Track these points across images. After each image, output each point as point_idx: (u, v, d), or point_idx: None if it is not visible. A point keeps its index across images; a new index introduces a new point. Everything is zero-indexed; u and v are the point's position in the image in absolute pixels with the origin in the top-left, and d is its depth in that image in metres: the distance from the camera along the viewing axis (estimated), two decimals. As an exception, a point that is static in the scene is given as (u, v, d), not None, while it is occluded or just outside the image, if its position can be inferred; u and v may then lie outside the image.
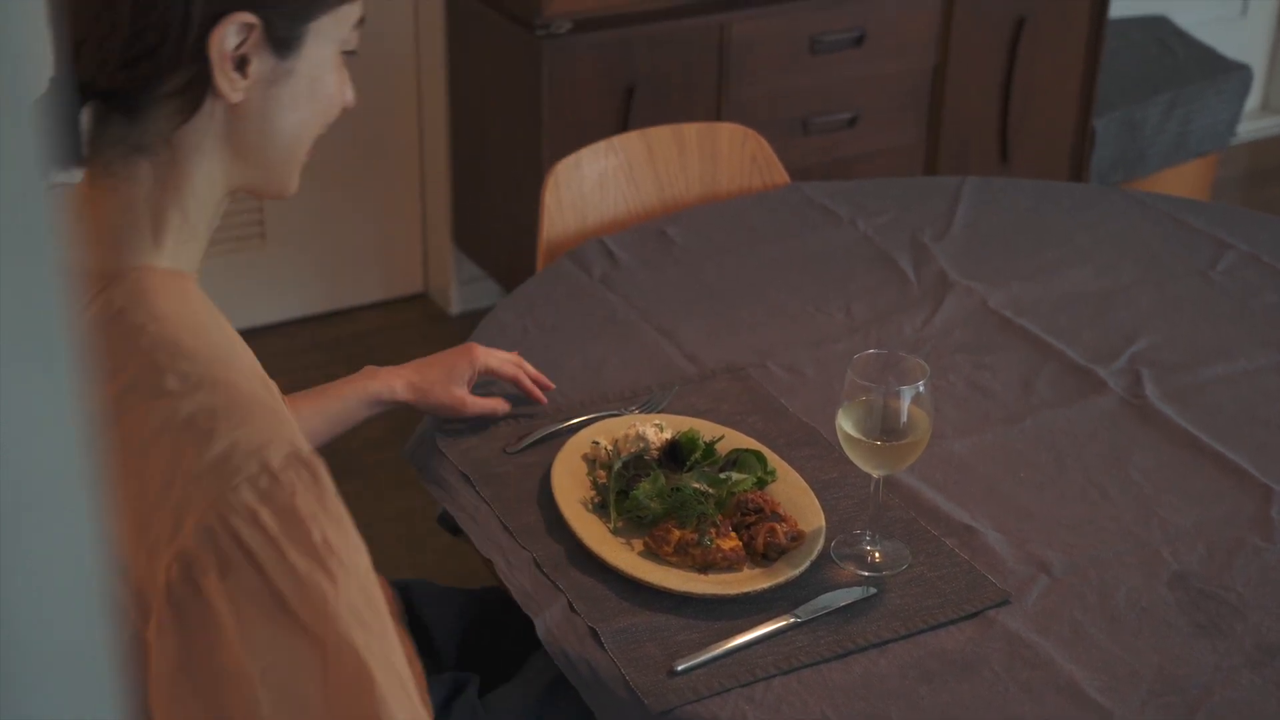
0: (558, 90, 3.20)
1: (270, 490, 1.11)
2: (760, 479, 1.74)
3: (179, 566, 1.10)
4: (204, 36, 1.20)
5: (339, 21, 1.28)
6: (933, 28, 3.60)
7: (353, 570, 1.13)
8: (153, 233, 1.25)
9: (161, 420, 1.15)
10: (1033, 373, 2.00)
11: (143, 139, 1.24)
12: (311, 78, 1.27)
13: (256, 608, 1.10)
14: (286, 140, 1.28)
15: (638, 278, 2.21)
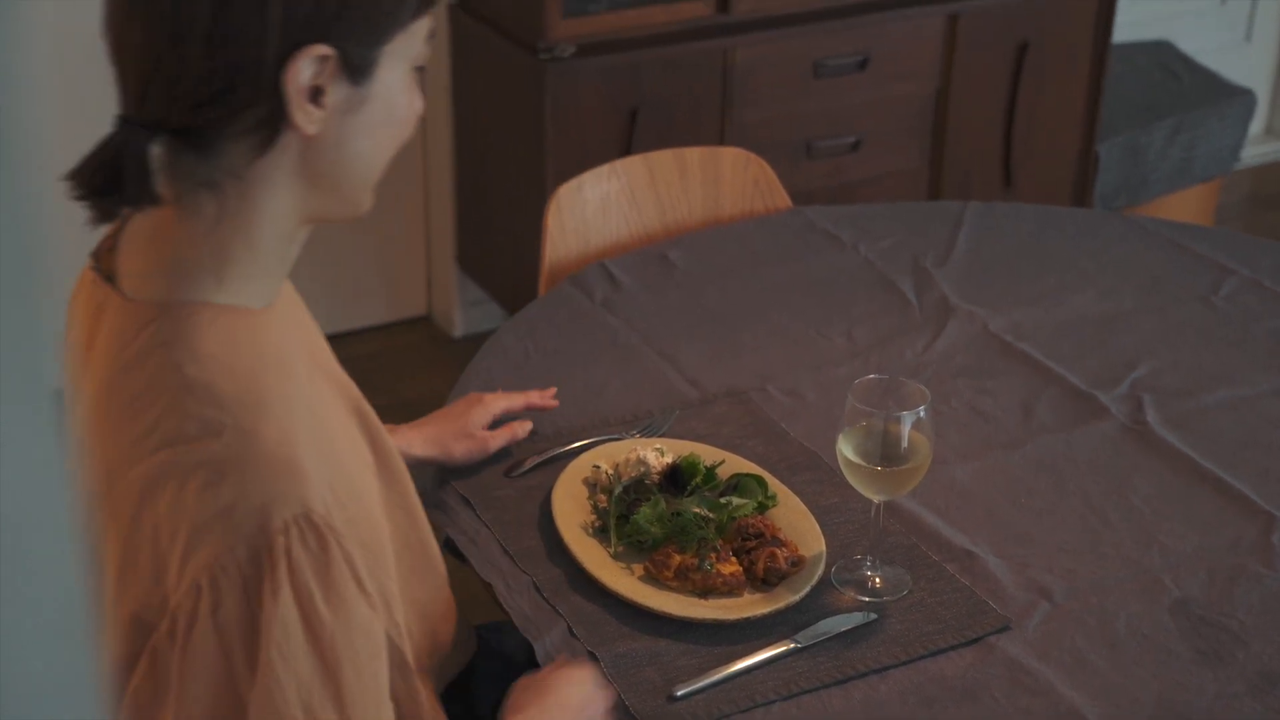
0: (561, 114, 3.20)
1: (259, 554, 1.11)
2: (761, 504, 1.74)
3: (169, 622, 1.13)
4: (279, 73, 1.17)
5: (411, 39, 1.25)
6: (936, 52, 3.61)
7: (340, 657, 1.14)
8: (215, 269, 1.23)
9: (176, 466, 1.15)
10: (1034, 398, 2.00)
11: (213, 175, 1.21)
12: (386, 100, 1.24)
13: (201, 679, 1.13)
14: (363, 166, 1.26)
15: (639, 301, 2.21)
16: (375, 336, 3.78)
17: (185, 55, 1.16)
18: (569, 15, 3.21)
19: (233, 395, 1.17)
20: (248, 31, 1.15)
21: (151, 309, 1.21)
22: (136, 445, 1.17)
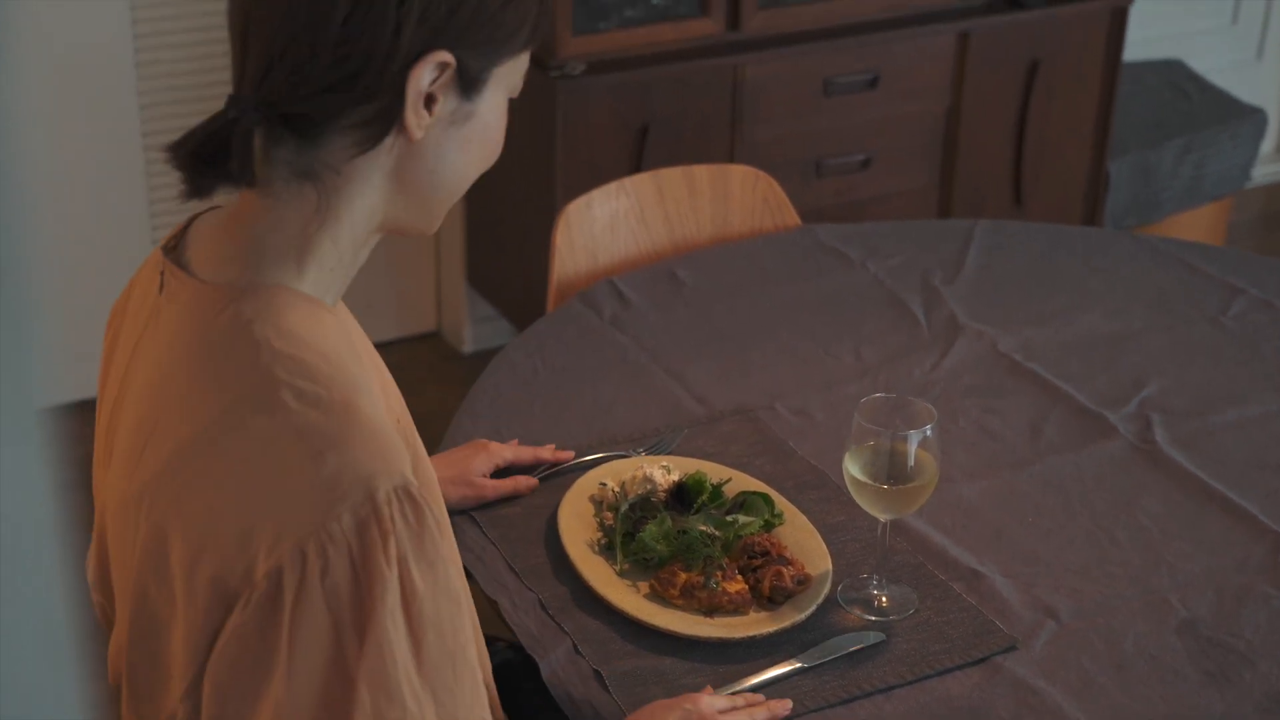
0: (571, 131, 3.21)
1: (369, 523, 1.13)
2: (767, 522, 1.74)
3: (268, 583, 1.14)
4: (405, 70, 1.19)
5: (516, 67, 1.28)
6: (946, 71, 3.61)
7: (428, 623, 1.16)
8: (298, 258, 1.24)
9: (273, 434, 1.16)
10: (1042, 417, 1.99)
11: (312, 165, 1.22)
12: (485, 121, 1.27)
13: (311, 641, 1.14)
14: (452, 181, 1.28)
15: (648, 319, 2.21)
16: (385, 351, 3.76)
17: (318, 40, 1.17)
18: (579, 33, 3.22)
19: (322, 370, 1.19)
20: (384, 26, 1.18)
21: (232, 290, 1.23)
22: (229, 413, 1.18)
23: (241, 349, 1.20)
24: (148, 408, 1.25)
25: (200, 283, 1.25)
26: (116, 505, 1.28)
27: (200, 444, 1.20)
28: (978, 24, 3.60)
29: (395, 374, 3.85)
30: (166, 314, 1.27)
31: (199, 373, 1.22)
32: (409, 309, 3.84)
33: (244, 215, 1.25)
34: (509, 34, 1.25)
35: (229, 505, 1.18)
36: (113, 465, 1.31)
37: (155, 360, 1.26)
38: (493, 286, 3.66)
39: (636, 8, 3.38)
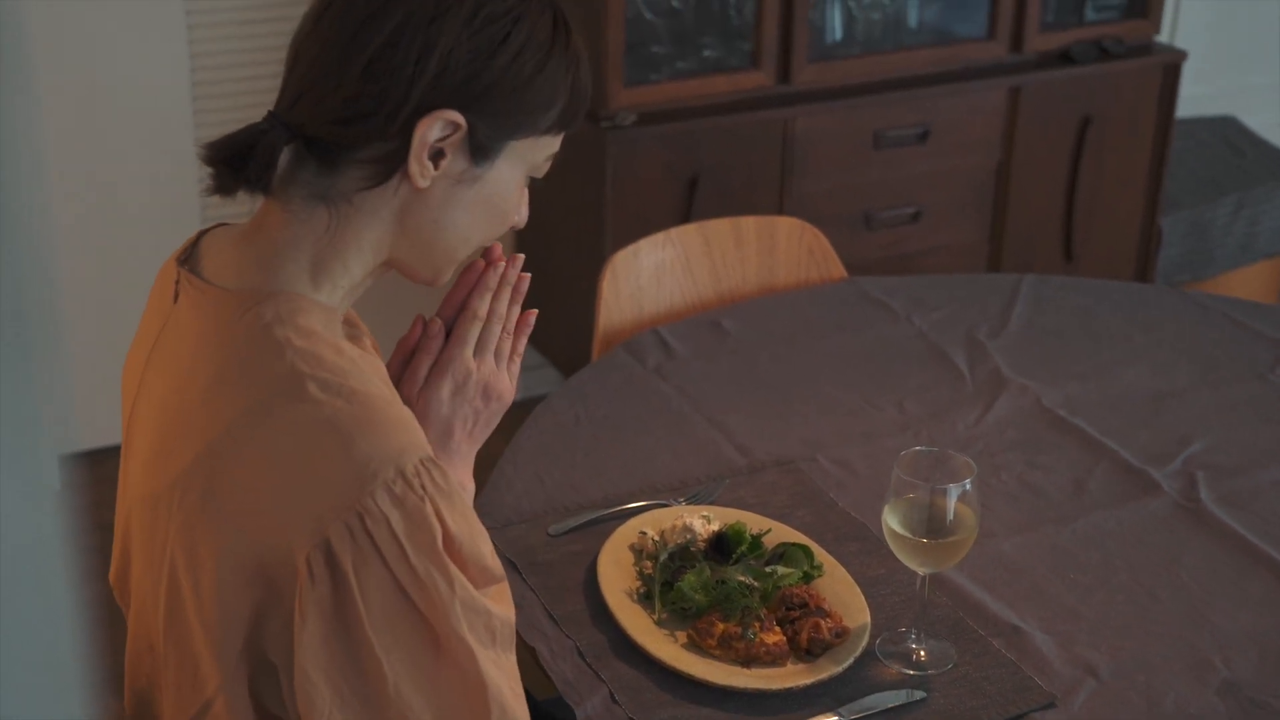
0: (621, 181, 3.23)
1: (404, 495, 1.23)
2: (806, 573, 1.73)
3: (322, 555, 1.22)
4: (414, 120, 1.28)
5: (537, 148, 1.36)
6: (998, 125, 3.61)
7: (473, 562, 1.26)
8: (311, 272, 1.33)
9: (303, 423, 1.25)
10: (1085, 473, 1.99)
11: (328, 190, 1.32)
12: (494, 190, 1.35)
13: (383, 596, 1.23)
14: (453, 237, 1.36)
15: (692, 369, 2.22)
16: (433, 398, 3.80)
17: (343, 76, 1.28)
18: (630, 84, 3.24)
19: (340, 364, 1.28)
20: (402, 73, 1.28)
21: (252, 295, 1.31)
22: (256, 408, 1.26)
23: (265, 349, 1.28)
24: (169, 409, 1.32)
25: (219, 289, 1.33)
26: (140, 505, 1.34)
27: (230, 438, 1.26)
28: (1029, 79, 3.60)
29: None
30: (184, 320, 1.34)
31: (223, 373, 1.29)
32: (458, 356, 3.85)
33: (264, 226, 1.34)
34: (527, 113, 1.33)
35: (264, 493, 1.25)
36: (132, 468, 1.37)
37: (173, 365, 1.33)
38: (541, 334, 3.67)
39: (688, 60, 3.40)
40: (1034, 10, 3.61)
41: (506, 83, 1.31)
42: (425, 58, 1.28)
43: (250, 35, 3.37)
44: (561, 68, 1.34)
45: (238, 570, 1.26)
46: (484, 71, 1.30)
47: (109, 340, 3.43)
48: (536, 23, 1.33)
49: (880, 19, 3.63)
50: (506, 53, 1.30)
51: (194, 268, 1.36)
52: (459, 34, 1.29)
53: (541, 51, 1.33)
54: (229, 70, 3.39)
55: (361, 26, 1.29)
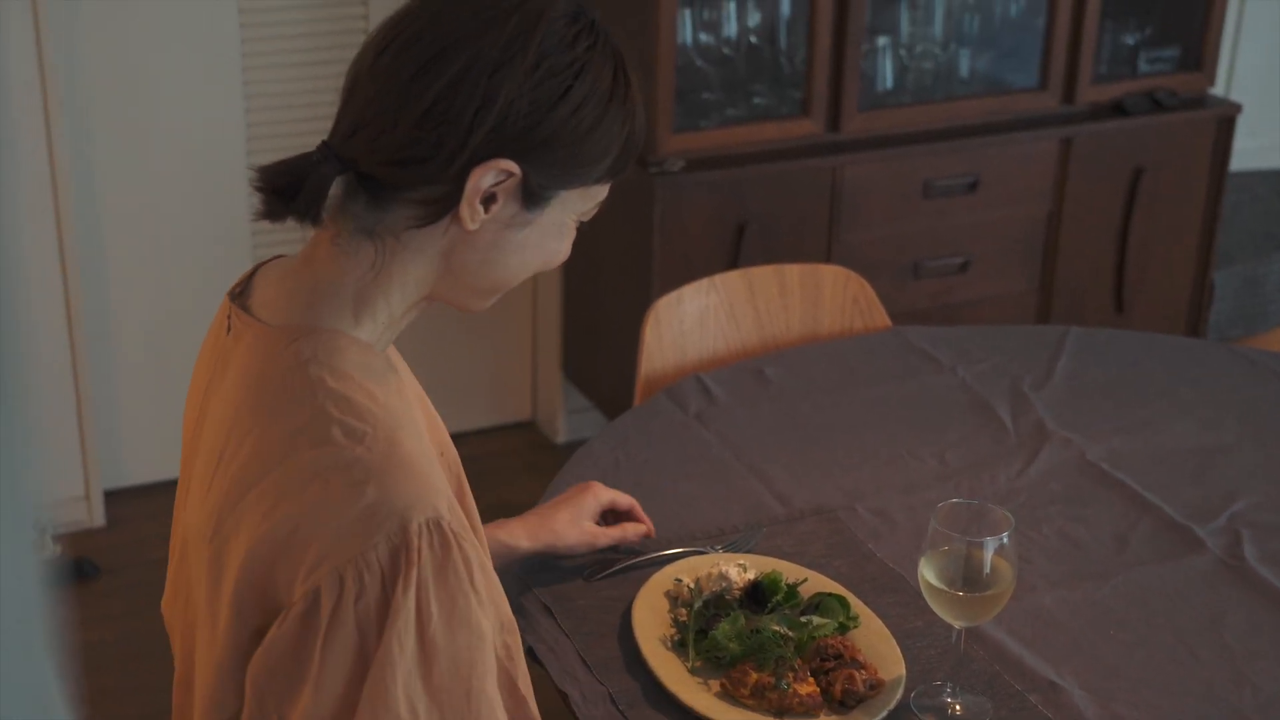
0: (669, 227, 3.24)
1: (398, 552, 1.22)
2: (842, 624, 1.72)
3: (306, 601, 1.23)
4: (469, 167, 1.28)
5: (587, 196, 1.37)
6: (1048, 175, 3.60)
7: (443, 651, 1.24)
8: (354, 307, 1.33)
9: (323, 464, 1.26)
10: (1128, 528, 1.97)
11: (376, 225, 1.32)
12: (543, 234, 1.35)
13: (338, 660, 1.23)
14: (500, 276, 1.36)
15: (733, 416, 2.21)
16: (479, 440, 3.82)
17: (401, 118, 1.28)
18: (679, 130, 3.25)
19: (370, 409, 1.28)
20: (460, 122, 1.28)
21: (292, 331, 1.32)
22: (284, 444, 1.27)
23: (298, 386, 1.29)
24: (217, 441, 1.34)
25: (263, 325, 1.34)
26: (193, 537, 1.36)
27: (257, 472, 1.29)
28: (1081, 130, 3.59)
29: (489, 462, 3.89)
30: (233, 353, 1.36)
31: (259, 407, 1.31)
32: (505, 398, 3.87)
33: (312, 260, 1.35)
34: (581, 164, 1.33)
35: (279, 529, 1.26)
36: (189, 499, 1.39)
37: (225, 398, 1.35)
38: (587, 379, 3.68)
39: (738, 107, 3.41)
40: (1087, 62, 3.60)
41: (565, 135, 1.30)
42: (486, 108, 1.27)
43: (302, 76, 3.40)
44: (619, 120, 1.34)
45: (250, 603, 1.28)
46: (543, 123, 1.29)
47: (161, 371, 3.46)
48: (599, 75, 1.32)
49: (932, 68, 3.63)
50: (567, 105, 1.30)
51: (244, 302, 1.38)
52: (520, 85, 1.28)
53: (601, 105, 1.32)
54: (281, 110, 3.42)
55: (423, 70, 1.28)
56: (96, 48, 3.23)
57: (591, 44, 1.32)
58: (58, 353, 3.31)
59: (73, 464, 3.40)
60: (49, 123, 3.14)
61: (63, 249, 3.24)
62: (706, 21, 3.39)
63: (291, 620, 1.24)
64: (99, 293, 3.39)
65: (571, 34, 1.31)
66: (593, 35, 1.33)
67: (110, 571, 3.31)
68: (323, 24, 3.38)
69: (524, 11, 1.30)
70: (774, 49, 3.47)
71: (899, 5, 3.61)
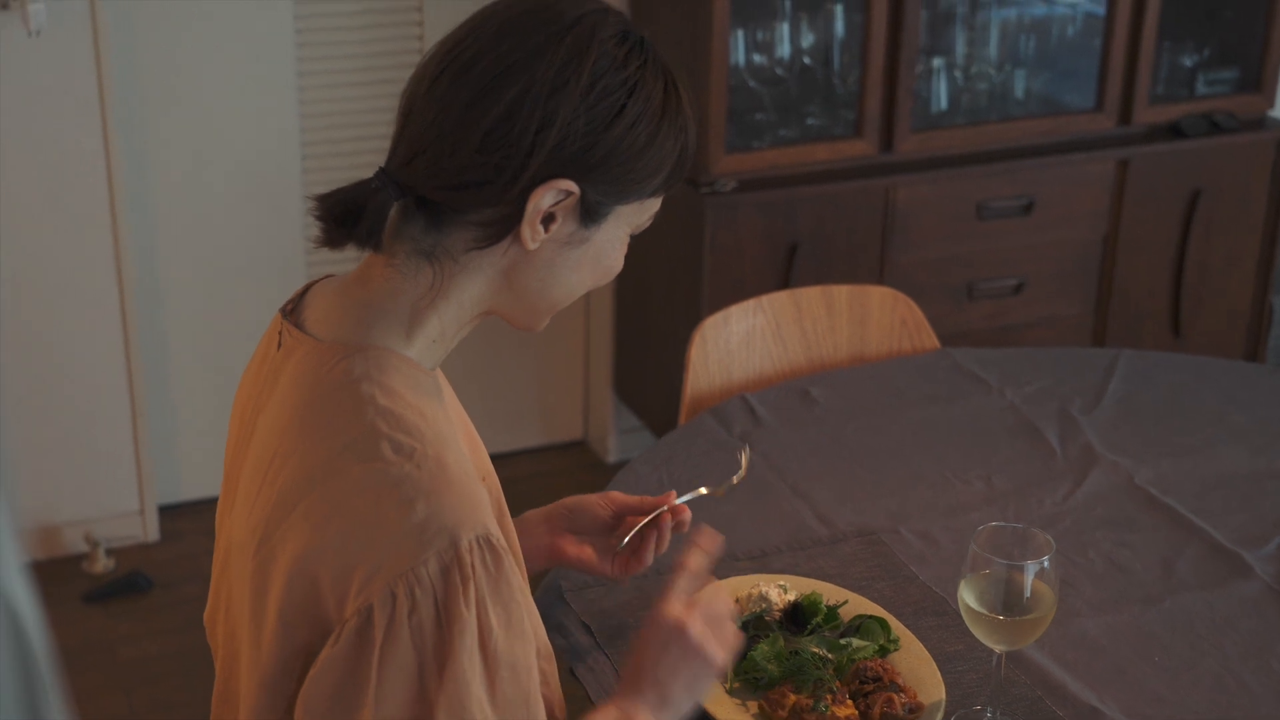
0: (720, 247, 3.23)
1: (451, 569, 1.24)
2: (882, 647, 1.71)
3: (359, 619, 1.24)
4: (530, 189, 1.30)
5: (642, 209, 1.39)
6: (1104, 197, 3.57)
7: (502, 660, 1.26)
8: (407, 328, 1.35)
9: (371, 481, 1.27)
10: (1175, 553, 1.94)
11: (434, 248, 1.33)
12: (600, 249, 1.38)
13: (396, 673, 1.24)
14: (559, 293, 1.38)
15: (777, 436, 2.20)
16: (530, 459, 3.82)
17: (461, 143, 1.29)
18: (732, 150, 3.25)
19: (419, 427, 1.29)
20: (520, 146, 1.29)
21: (344, 348, 1.33)
22: (333, 459, 1.28)
23: (348, 402, 1.30)
24: (264, 455, 1.35)
25: (315, 340, 1.35)
26: (236, 548, 1.37)
27: (307, 487, 1.29)
28: (1137, 152, 3.56)
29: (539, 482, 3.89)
30: (284, 369, 1.37)
31: (309, 421, 1.32)
32: (556, 417, 3.87)
33: (367, 279, 1.36)
34: (638, 179, 1.35)
35: (328, 544, 1.27)
36: (234, 512, 1.40)
37: (274, 412, 1.36)
38: (638, 398, 3.68)
39: (791, 127, 3.41)
40: (1144, 83, 3.57)
41: (621, 152, 1.32)
42: (544, 130, 1.29)
43: (358, 96, 3.43)
44: (672, 134, 1.36)
45: (296, 616, 1.29)
46: (600, 142, 1.31)
47: (216, 388, 3.49)
48: (651, 91, 1.34)
49: (986, 89, 3.61)
50: (622, 123, 1.32)
51: (297, 319, 1.39)
52: (576, 106, 1.29)
53: (655, 120, 1.34)
54: (336, 130, 3.45)
55: (480, 95, 1.29)
56: (154, 69, 3.27)
57: (642, 62, 1.34)
58: (114, 370, 3.35)
59: (128, 479, 3.43)
60: (107, 142, 3.18)
61: (119, 268, 3.28)
62: (760, 43, 3.39)
63: (346, 637, 1.25)
64: (155, 311, 3.42)
65: (623, 53, 1.33)
66: (643, 53, 1.34)
67: (164, 586, 3.34)
68: (377, 44, 3.41)
69: (576, 34, 1.31)
70: (827, 70, 3.46)
71: (955, 26, 3.60)
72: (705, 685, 1.46)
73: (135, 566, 3.38)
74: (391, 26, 3.41)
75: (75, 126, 3.16)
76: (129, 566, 3.39)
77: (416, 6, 3.41)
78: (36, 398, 3.32)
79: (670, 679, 1.44)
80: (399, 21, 3.41)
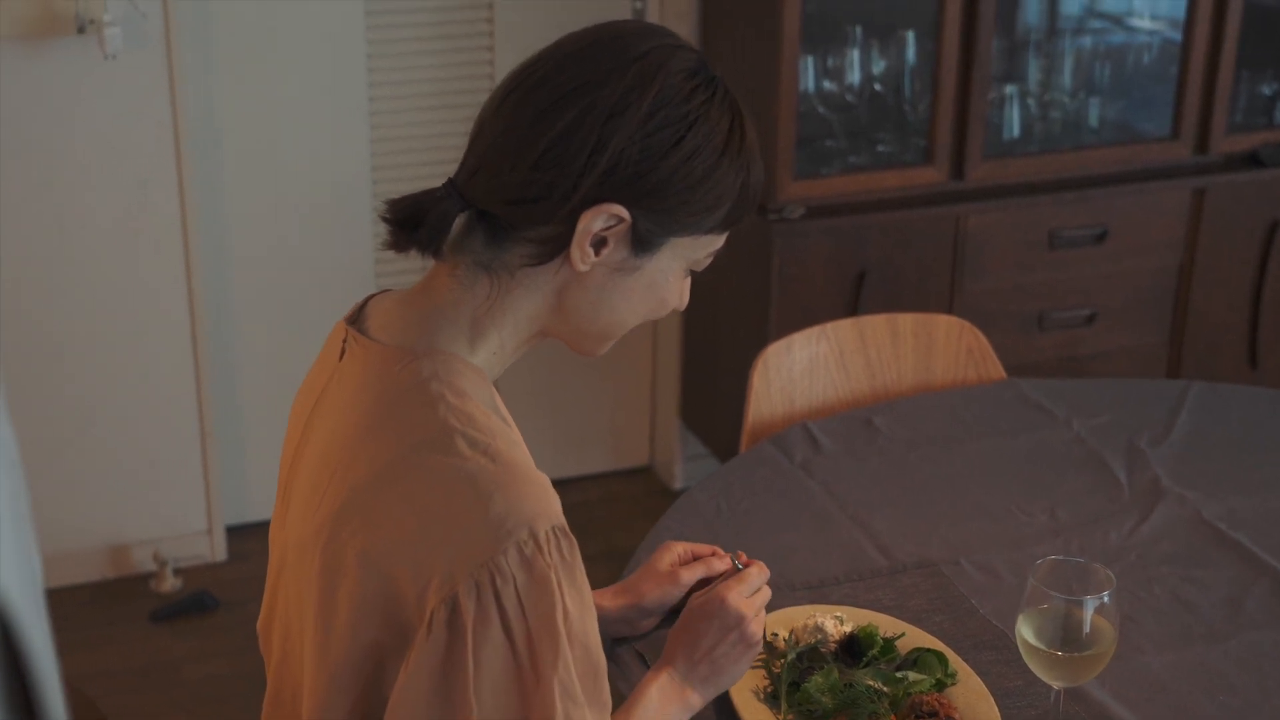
0: (788, 274, 3.22)
1: (533, 557, 1.27)
2: (939, 681, 1.69)
3: (446, 610, 1.26)
4: (580, 210, 1.33)
5: (699, 245, 1.40)
6: (1180, 227, 3.52)
7: (578, 640, 1.30)
8: (470, 337, 1.38)
9: (447, 475, 1.29)
10: (1243, 591, 1.90)
11: (492, 261, 1.37)
12: (653, 280, 1.39)
13: (493, 665, 1.27)
14: (609, 320, 1.40)
15: (839, 465, 2.18)
16: (596, 484, 3.82)
17: (518, 161, 1.33)
18: (800, 177, 3.24)
19: (489, 426, 1.32)
20: (573, 166, 1.32)
21: (412, 351, 1.36)
22: (406, 456, 1.31)
23: (419, 401, 1.33)
24: (329, 456, 1.37)
25: (381, 345, 1.38)
26: (295, 550, 1.39)
27: (380, 483, 1.31)
28: (1214, 181, 3.51)
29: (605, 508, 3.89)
30: (348, 374, 1.39)
31: (380, 421, 1.34)
32: (623, 443, 3.87)
33: (430, 289, 1.40)
34: (692, 213, 1.35)
35: (405, 540, 1.29)
36: (290, 515, 1.42)
37: (335, 415, 1.38)
38: (704, 425, 3.66)
39: (861, 154, 3.39)
40: (1221, 111, 3.53)
41: (675, 183, 1.33)
42: (598, 153, 1.31)
43: (428, 120, 3.45)
44: (733, 172, 1.36)
45: (369, 613, 1.31)
46: (654, 171, 1.32)
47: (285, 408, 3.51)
48: (714, 127, 1.35)
49: (1060, 117, 3.58)
50: (679, 155, 1.33)
51: (360, 326, 1.42)
52: (634, 133, 1.32)
53: (714, 156, 1.35)
54: (406, 154, 3.47)
55: (542, 114, 1.33)
56: (227, 91, 3.30)
57: (708, 98, 1.35)
58: (184, 390, 3.38)
59: (196, 499, 3.46)
60: (180, 164, 3.21)
61: (190, 288, 3.31)
62: (830, 69, 3.38)
63: (437, 629, 1.27)
64: (224, 331, 3.45)
65: (689, 87, 1.34)
66: (710, 89, 1.36)
67: (229, 605, 3.36)
68: (448, 69, 3.42)
69: (645, 63, 1.34)
70: (898, 96, 3.44)
71: (1029, 53, 3.57)
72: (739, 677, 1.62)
73: (202, 586, 3.40)
74: (463, 51, 3.43)
75: (149, 148, 3.19)
76: (196, 586, 3.41)
77: (488, 31, 3.43)
78: (107, 417, 3.35)
79: (724, 663, 1.58)
80: (470, 46, 3.43)
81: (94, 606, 3.36)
